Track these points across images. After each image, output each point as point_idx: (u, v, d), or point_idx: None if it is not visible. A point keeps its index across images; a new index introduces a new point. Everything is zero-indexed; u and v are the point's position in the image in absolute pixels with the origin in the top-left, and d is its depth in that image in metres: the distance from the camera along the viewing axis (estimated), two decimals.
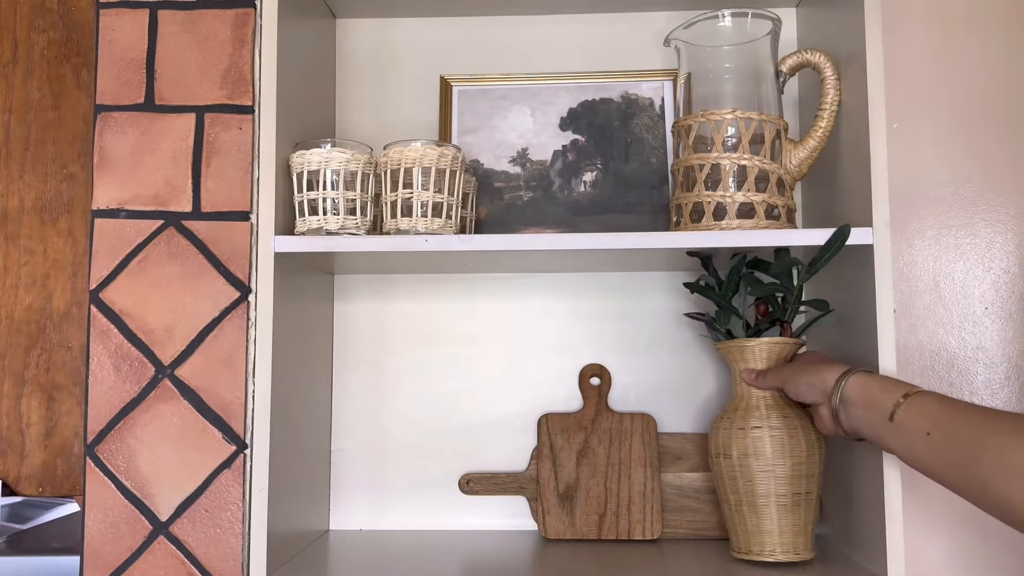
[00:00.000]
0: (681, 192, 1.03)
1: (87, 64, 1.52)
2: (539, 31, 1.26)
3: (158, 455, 0.98)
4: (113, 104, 1.03)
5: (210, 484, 0.98)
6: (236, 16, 1.03)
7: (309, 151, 1.00)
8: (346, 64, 1.28)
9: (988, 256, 1.22)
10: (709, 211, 0.99)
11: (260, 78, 1.01)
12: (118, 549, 0.97)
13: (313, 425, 1.16)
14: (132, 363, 0.99)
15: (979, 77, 1.23)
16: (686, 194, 1.02)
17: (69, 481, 1.48)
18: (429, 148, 0.99)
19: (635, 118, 1.22)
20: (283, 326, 1.00)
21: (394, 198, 1.00)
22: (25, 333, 1.49)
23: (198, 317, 0.99)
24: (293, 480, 1.05)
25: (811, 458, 0.97)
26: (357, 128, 1.26)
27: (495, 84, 1.24)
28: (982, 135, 1.23)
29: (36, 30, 1.53)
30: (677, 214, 1.04)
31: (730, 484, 0.99)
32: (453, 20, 1.27)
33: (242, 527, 0.97)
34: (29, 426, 1.48)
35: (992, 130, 1.23)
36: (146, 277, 1.00)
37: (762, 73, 1.03)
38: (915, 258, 1.23)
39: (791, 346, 1.01)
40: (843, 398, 0.88)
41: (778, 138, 1.02)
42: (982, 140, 1.23)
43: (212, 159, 1.01)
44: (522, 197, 1.21)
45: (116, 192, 1.01)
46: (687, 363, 1.22)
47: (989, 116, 1.23)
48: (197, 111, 1.02)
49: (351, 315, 1.25)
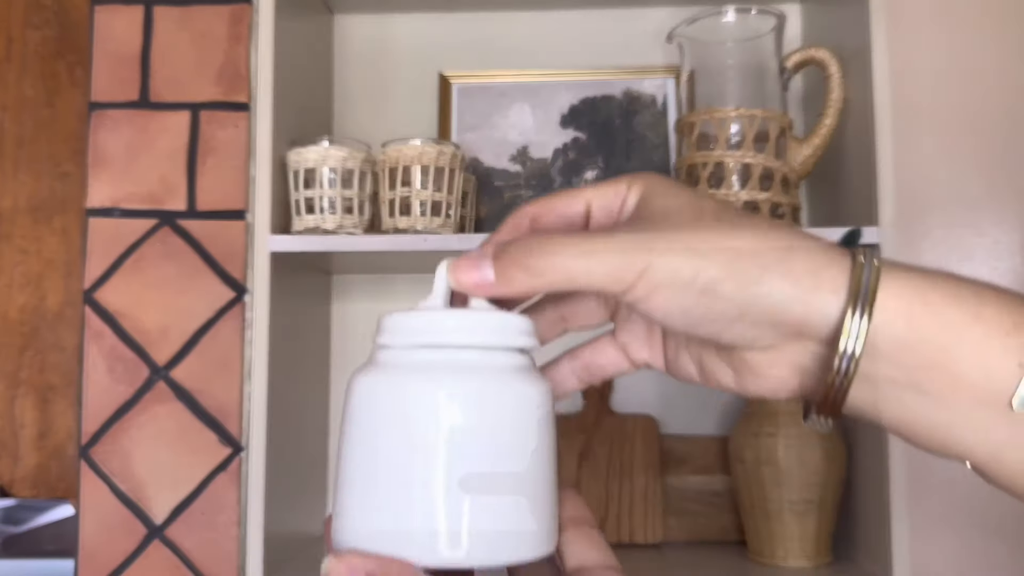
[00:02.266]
0: None
1: (81, 61, 1.50)
2: (540, 27, 1.25)
3: (153, 457, 0.97)
4: (108, 102, 1.01)
5: (206, 487, 0.96)
6: (232, 12, 1.02)
7: (306, 149, 0.98)
8: (344, 61, 1.26)
9: (995, 255, 1.21)
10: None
11: (256, 75, 1.00)
12: (113, 552, 0.96)
13: (310, 427, 1.14)
14: (126, 364, 0.98)
15: (987, 74, 1.22)
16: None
17: (64, 483, 1.46)
18: (428, 146, 0.98)
19: (637, 115, 1.20)
20: (279, 327, 0.99)
21: (392, 197, 0.98)
22: (19, 334, 1.48)
23: (193, 318, 0.98)
24: (290, 483, 1.04)
25: (830, 465, 0.96)
26: (355, 125, 1.24)
27: (495, 81, 1.23)
28: (989, 133, 1.21)
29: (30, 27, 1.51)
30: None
31: (744, 489, 1.00)
32: (452, 16, 1.26)
33: (238, 530, 0.96)
34: (23, 428, 1.47)
35: (999, 128, 1.21)
36: (141, 277, 0.99)
37: (766, 70, 1.02)
38: (921, 258, 1.21)
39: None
40: (873, 347, 0.33)
41: (782, 136, 1.00)
42: (989, 138, 1.21)
43: (207, 157, 1.00)
44: (522, 196, 1.20)
45: (111, 191, 1.00)
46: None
47: (996, 114, 1.21)
48: (192, 108, 1.01)
49: (349, 315, 1.23)
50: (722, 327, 0.33)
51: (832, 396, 0.33)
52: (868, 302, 0.31)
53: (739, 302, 0.32)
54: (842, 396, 0.33)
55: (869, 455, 0.98)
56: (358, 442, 0.34)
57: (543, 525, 0.34)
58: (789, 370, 0.35)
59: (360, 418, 0.34)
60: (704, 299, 0.32)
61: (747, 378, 0.36)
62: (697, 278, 0.32)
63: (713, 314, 0.33)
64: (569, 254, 0.34)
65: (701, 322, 0.33)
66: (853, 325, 0.32)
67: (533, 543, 0.34)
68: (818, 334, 0.33)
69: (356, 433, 0.34)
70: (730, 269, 0.32)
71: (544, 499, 0.35)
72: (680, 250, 0.32)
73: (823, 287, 0.32)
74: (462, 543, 0.32)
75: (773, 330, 0.33)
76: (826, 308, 0.32)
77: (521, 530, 0.33)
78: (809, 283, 0.32)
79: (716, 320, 0.33)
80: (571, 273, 0.34)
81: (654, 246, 0.33)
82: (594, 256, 0.33)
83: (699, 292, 0.32)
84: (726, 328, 0.33)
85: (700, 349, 0.38)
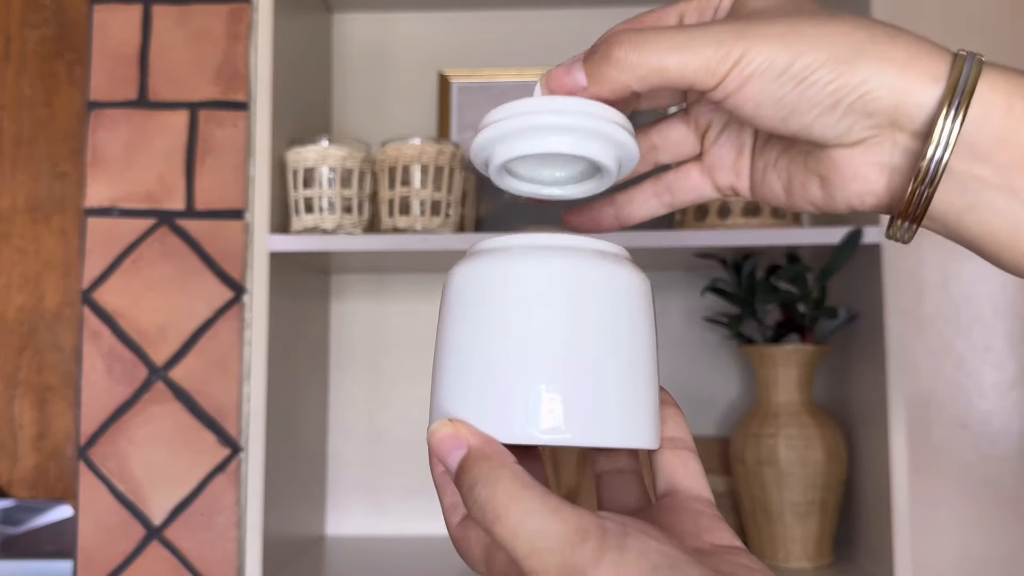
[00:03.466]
0: None
1: (80, 60, 1.50)
2: (539, 25, 1.24)
3: (151, 458, 0.96)
4: (106, 101, 1.01)
5: (204, 488, 0.96)
6: (231, 11, 1.01)
7: (305, 148, 0.98)
8: (343, 59, 1.26)
9: None
10: (714, 208, 0.98)
11: (255, 74, 0.99)
12: (112, 553, 0.96)
13: (309, 428, 1.14)
14: (125, 364, 0.97)
15: None
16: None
17: (62, 484, 1.46)
18: (427, 145, 0.98)
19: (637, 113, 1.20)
20: (278, 327, 0.99)
21: (392, 196, 0.98)
22: (17, 334, 1.47)
23: (192, 318, 0.97)
24: (288, 484, 1.04)
25: (831, 466, 0.96)
26: (354, 125, 1.24)
27: (495, 80, 1.22)
28: None
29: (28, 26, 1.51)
30: (680, 212, 1.02)
31: (745, 490, 0.99)
32: (452, 15, 1.25)
33: (237, 532, 0.95)
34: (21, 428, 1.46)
35: None
36: (139, 277, 0.98)
37: None
38: (923, 258, 1.21)
39: (820, 353, 0.99)
40: (968, 143, 0.31)
41: None
42: None
43: (206, 156, 0.99)
44: None
45: (109, 190, 0.99)
46: (688, 363, 1.20)
47: None
48: (191, 108, 1.00)
49: (348, 315, 1.23)
50: (814, 118, 0.32)
51: (919, 195, 0.32)
52: (967, 92, 0.30)
53: (834, 88, 0.31)
54: (929, 196, 0.32)
55: (870, 456, 0.97)
56: (465, 324, 0.33)
57: (642, 418, 0.33)
58: (878, 170, 0.33)
59: (469, 300, 0.33)
60: (799, 88, 0.32)
61: (835, 185, 0.34)
62: (793, 64, 0.31)
63: (806, 104, 0.32)
64: (662, 47, 0.33)
65: (793, 114, 0.32)
66: (950, 117, 0.30)
67: (632, 432, 0.33)
68: (912, 125, 0.31)
69: (461, 316, 0.33)
70: (827, 54, 0.31)
71: (646, 392, 0.34)
72: (776, 36, 0.31)
73: (922, 75, 0.31)
74: (559, 421, 0.31)
75: (867, 119, 0.32)
76: (923, 96, 0.31)
77: (621, 416, 0.32)
78: (908, 71, 0.31)
79: (808, 111, 0.32)
80: (664, 65, 0.32)
81: (749, 34, 0.32)
82: (688, 47, 0.32)
83: (794, 80, 0.31)
84: (818, 119, 0.32)
85: (788, 163, 0.37)
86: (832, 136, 0.33)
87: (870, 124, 0.32)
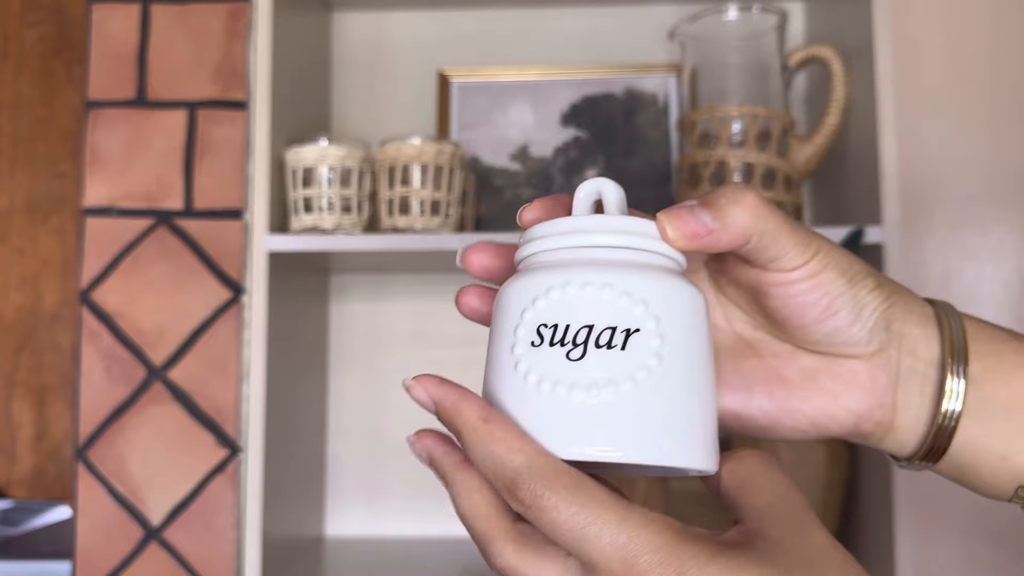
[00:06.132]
0: (686, 190, 1.01)
1: (78, 60, 1.49)
2: (540, 24, 1.24)
3: (150, 459, 0.96)
4: (104, 100, 1.00)
5: (203, 489, 0.96)
6: (229, 10, 1.01)
7: (304, 147, 0.98)
8: (342, 58, 1.25)
9: (999, 255, 1.20)
10: None
11: (254, 73, 0.99)
12: (110, 554, 0.95)
13: (308, 428, 1.13)
14: (123, 365, 0.97)
15: (991, 72, 1.21)
16: (691, 192, 1.00)
17: (60, 485, 1.45)
18: (427, 144, 0.97)
19: (638, 114, 1.19)
20: (277, 327, 0.98)
21: (391, 196, 0.98)
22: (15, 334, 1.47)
23: (190, 318, 0.97)
24: (287, 484, 1.03)
25: (832, 468, 0.95)
26: (353, 124, 1.24)
27: (494, 79, 1.22)
28: (994, 131, 1.20)
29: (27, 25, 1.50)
30: None
31: None
32: (451, 13, 1.25)
33: (235, 533, 0.95)
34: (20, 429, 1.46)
35: (1004, 126, 1.20)
36: (137, 277, 0.98)
37: (769, 68, 1.01)
38: (925, 257, 1.20)
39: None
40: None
41: (785, 135, 0.99)
42: (994, 136, 1.20)
43: (205, 156, 0.99)
44: (522, 194, 1.19)
45: (107, 190, 0.99)
46: None
47: (1001, 112, 1.21)
48: (189, 107, 1.00)
49: (347, 315, 1.23)
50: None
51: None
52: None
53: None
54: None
55: (872, 457, 0.97)
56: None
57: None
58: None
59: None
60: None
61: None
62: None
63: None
64: (780, 213, 0.34)
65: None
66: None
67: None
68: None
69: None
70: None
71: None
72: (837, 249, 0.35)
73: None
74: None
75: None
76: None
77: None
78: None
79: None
80: (782, 229, 0.33)
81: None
82: (782, 220, 0.34)
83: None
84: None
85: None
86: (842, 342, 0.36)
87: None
